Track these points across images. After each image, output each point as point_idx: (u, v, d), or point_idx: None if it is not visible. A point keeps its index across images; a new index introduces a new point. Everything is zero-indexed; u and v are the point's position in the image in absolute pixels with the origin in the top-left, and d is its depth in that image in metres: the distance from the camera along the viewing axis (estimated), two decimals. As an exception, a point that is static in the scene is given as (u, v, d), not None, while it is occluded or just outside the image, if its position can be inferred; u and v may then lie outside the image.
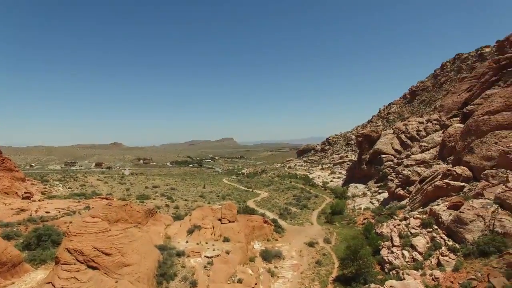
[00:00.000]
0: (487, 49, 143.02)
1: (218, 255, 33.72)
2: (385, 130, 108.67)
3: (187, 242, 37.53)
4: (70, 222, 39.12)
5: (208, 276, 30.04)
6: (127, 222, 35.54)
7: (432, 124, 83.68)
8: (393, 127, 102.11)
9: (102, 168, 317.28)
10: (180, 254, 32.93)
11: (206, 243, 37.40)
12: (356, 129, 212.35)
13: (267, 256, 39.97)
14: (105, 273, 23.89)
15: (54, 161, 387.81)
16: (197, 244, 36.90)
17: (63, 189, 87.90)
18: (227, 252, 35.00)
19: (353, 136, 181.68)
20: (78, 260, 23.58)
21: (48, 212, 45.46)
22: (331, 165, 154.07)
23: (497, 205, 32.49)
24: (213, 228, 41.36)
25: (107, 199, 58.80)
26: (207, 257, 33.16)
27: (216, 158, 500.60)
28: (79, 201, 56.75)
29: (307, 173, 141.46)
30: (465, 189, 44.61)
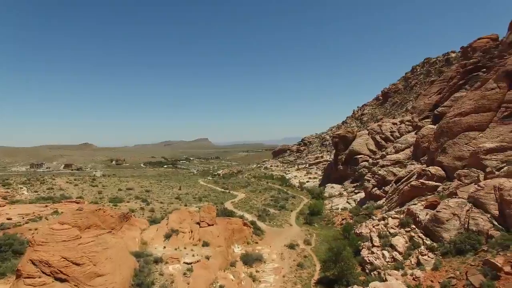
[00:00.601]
0: (453, 54, 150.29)
1: (198, 261, 32.42)
2: (360, 131, 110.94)
3: (164, 247, 35.89)
4: (36, 229, 36.36)
5: (188, 283, 28.74)
6: (99, 228, 33.24)
7: (405, 125, 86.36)
8: (368, 128, 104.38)
9: (72, 170, 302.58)
10: (157, 260, 31.31)
11: (185, 248, 35.97)
12: (331, 130, 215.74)
13: (248, 260, 39.05)
14: (75, 285, 22.11)
15: (17, 162, 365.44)
16: (175, 249, 35.37)
17: (28, 192, 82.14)
18: (207, 257, 33.83)
19: (328, 137, 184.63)
20: (44, 272, 21.61)
21: (10, 219, 42.13)
22: (307, 165, 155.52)
23: (470, 204, 33.64)
24: (192, 232, 39.91)
25: (77, 203, 55.71)
26: (186, 263, 31.76)
27: (191, 158, 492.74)
28: (46, 206, 53.22)
29: (283, 174, 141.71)
30: (439, 189, 46.04)
